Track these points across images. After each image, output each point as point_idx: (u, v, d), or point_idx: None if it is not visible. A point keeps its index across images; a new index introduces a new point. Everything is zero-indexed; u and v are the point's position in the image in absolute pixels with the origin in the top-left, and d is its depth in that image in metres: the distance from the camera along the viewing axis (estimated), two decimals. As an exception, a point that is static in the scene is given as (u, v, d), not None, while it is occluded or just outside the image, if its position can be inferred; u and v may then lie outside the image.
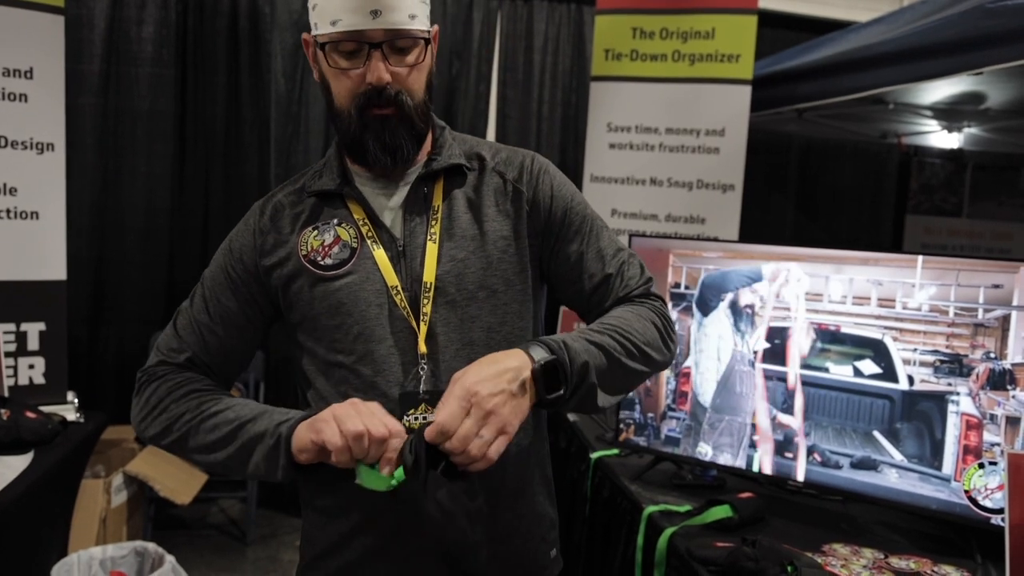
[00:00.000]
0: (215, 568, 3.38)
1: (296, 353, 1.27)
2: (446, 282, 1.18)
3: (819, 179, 4.86)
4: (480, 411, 0.97)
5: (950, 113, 3.92)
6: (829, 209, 4.86)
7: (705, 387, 2.08)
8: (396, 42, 1.13)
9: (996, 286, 1.73)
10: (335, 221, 1.21)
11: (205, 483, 3.38)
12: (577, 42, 4.20)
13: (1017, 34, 2.24)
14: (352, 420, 1.02)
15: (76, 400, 2.78)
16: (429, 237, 1.19)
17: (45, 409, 2.52)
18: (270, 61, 3.87)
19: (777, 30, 4.45)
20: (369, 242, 1.19)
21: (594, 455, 2.33)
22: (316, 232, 1.21)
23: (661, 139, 3.29)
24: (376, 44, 1.12)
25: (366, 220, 1.21)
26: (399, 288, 1.17)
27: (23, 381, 2.70)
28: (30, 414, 2.39)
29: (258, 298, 1.24)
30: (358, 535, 1.21)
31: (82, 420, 2.68)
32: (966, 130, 4.19)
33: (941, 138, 4.35)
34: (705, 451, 2.07)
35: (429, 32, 1.18)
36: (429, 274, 1.17)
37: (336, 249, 1.19)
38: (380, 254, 1.19)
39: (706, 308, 2.08)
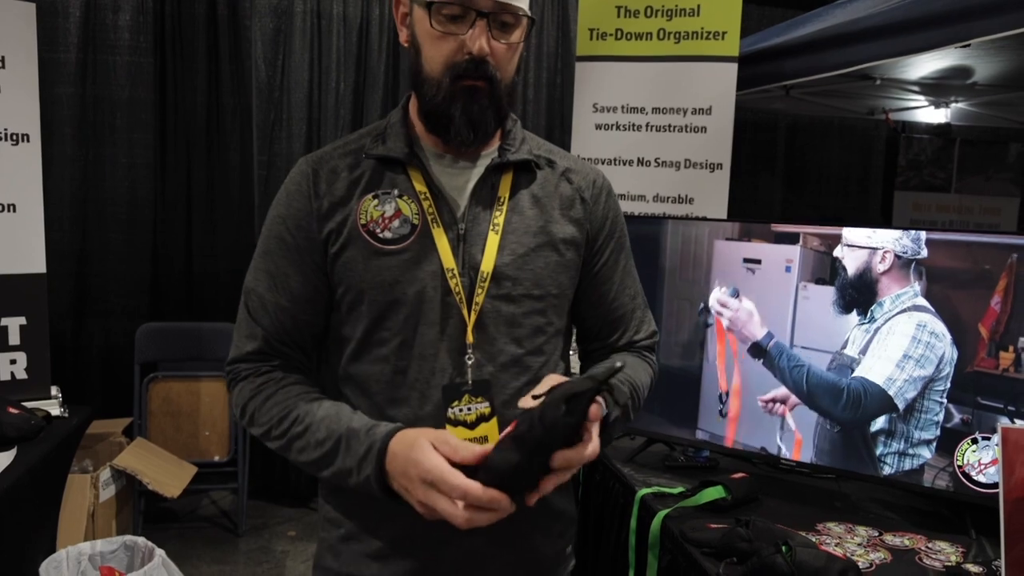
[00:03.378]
0: (207, 560, 3.35)
1: (330, 331, 1.21)
2: (503, 274, 1.15)
3: (807, 156, 4.85)
4: None
5: (937, 88, 3.90)
6: (817, 186, 4.85)
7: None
8: (503, 16, 1.10)
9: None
10: (396, 192, 1.16)
11: (195, 475, 3.36)
12: (561, 22, 4.15)
13: (1004, 5, 2.22)
14: (437, 502, 0.97)
15: (60, 395, 2.74)
16: (492, 227, 1.16)
17: (28, 404, 2.49)
18: (250, 47, 3.82)
19: (763, 7, 4.42)
20: (430, 220, 1.14)
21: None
22: (377, 201, 1.15)
23: (648, 119, 3.26)
24: (484, 13, 1.08)
25: (428, 196, 1.16)
26: (455, 272, 1.14)
27: (5, 376, 2.66)
28: (12, 410, 2.36)
29: (323, 266, 1.17)
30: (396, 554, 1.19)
31: (66, 415, 2.64)
32: (953, 105, 4.18)
33: (928, 113, 4.33)
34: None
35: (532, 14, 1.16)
36: (488, 263, 1.14)
37: (396, 223, 1.14)
38: (440, 234, 1.14)
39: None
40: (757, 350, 1.96)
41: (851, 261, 1.85)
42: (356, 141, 1.21)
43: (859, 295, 1.84)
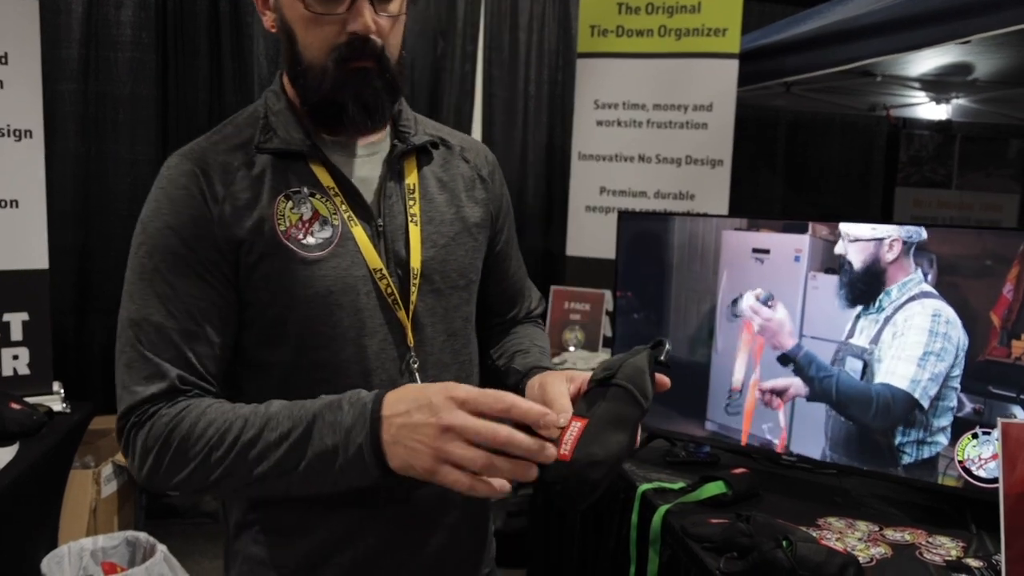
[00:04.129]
0: (209, 556, 3.36)
1: (241, 356, 1.04)
2: (431, 268, 1.08)
3: (808, 153, 4.85)
4: None
5: (938, 84, 3.91)
6: (818, 183, 4.86)
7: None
8: None
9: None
10: (306, 190, 1.03)
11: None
12: (563, 19, 4.15)
13: (1003, 2, 2.23)
14: (472, 424, 0.82)
15: (62, 390, 2.75)
16: (410, 218, 1.08)
17: (30, 400, 2.50)
18: (252, 44, 3.82)
19: (764, 3, 4.42)
20: (346, 218, 1.04)
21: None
22: (291, 203, 1.02)
23: (649, 115, 3.26)
24: None
25: (338, 191, 1.05)
26: (384, 272, 1.04)
27: (7, 372, 2.67)
28: (15, 405, 2.36)
29: (234, 280, 1.00)
30: (338, 553, 1.07)
31: (68, 410, 2.65)
32: (954, 101, 4.19)
33: (929, 110, 4.34)
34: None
35: None
36: (415, 258, 1.06)
37: (317, 226, 1.02)
38: (360, 233, 1.04)
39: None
40: (786, 359, 1.96)
41: (855, 253, 1.85)
42: (237, 134, 1.05)
43: (866, 286, 1.83)
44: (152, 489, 0.92)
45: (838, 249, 1.87)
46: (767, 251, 1.97)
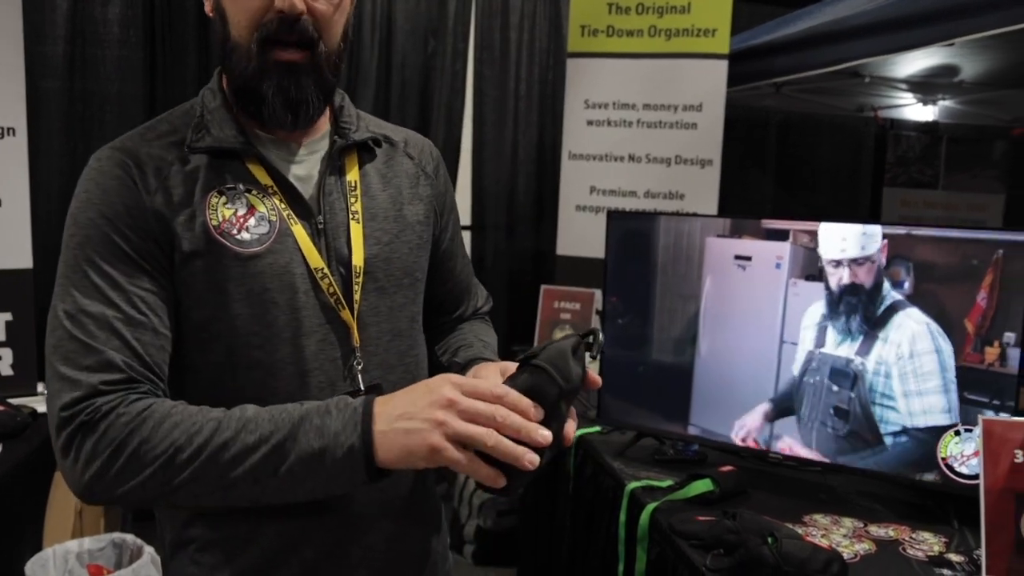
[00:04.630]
0: (197, 555, 3.34)
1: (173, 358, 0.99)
2: (375, 266, 1.05)
3: (798, 153, 4.87)
4: None
5: (925, 86, 3.94)
6: (808, 183, 4.88)
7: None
8: None
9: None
10: (242, 187, 0.99)
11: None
12: (553, 18, 4.15)
13: (987, 5, 2.25)
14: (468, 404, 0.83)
15: (47, 391, 2.72)
16: (351, 216, 1.04)
17: (14, 401, 2.48)
18: (240, 42, 3.80)
19: (753, 4, 4.43)
20: (285, 215, 1.00)
21: (576, 433, 2.32)
22: (225, 199, 0.98)
23: (639, 115, 3.27)
24: None
25: (275, 189, 1.01)
26: (325, 271, 1.01)
27: (-9, 372, 2.65)
28: (-1, 405, 2.35)
29: (169, 271, 0.96)
30: (276, 568, 1.02)
31: (55, 410, 2.63)
32: (941, 103, 4.22)
33: (916, 111, 4.37)
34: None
35: None
36: (358, 256, 1.03)
37: (253, 222, 0.98)
38: (299, 230, 1.00)
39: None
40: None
41: (834, 275, 1.87)
42: (171, 132, 1.01)
43: (849, 302, 1.85)
44: (85, 498, 0.87)
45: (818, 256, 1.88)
46: (749, 258, 1.99)
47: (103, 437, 0.86)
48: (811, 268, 1.90)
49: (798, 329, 1.93)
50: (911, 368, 1.78)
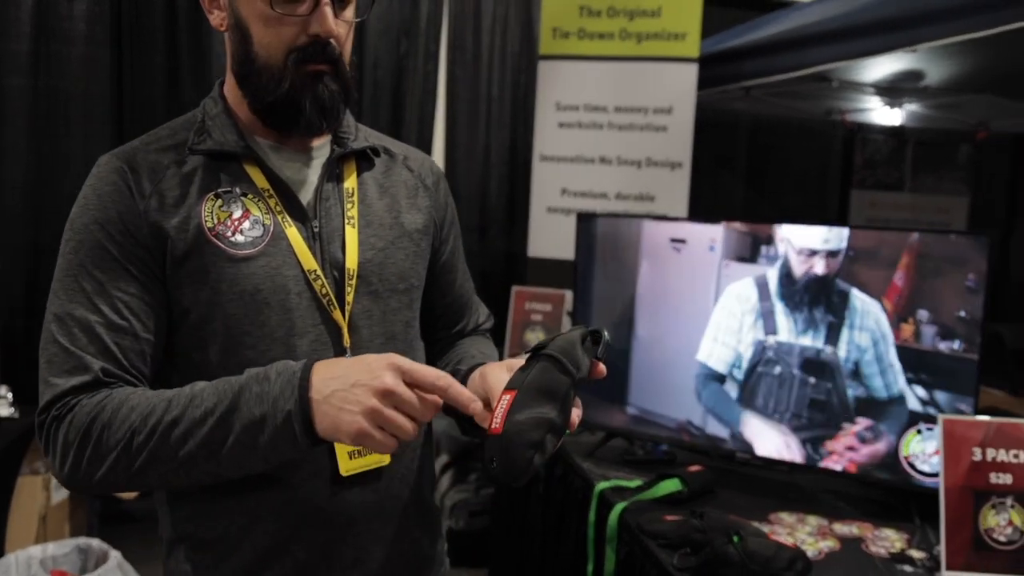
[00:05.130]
0: (165, 560, 3.31)
1: (172, 356, 1.03)
2: (368, 271, 1.08)
3: (767, 156, 4.92)
4: None
5: (891, 90, 3.99)
6: (777, 185, 4.93)
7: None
8: None
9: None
10: (238, 190, 1.03)
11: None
12: (525, 20, 4.16)
13: (949, 12, 2.29)
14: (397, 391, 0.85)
15: (10, 395, 2.69)
16: (347, 221, 1.08)
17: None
18: (211, 41, 3.77)
19: (723, 8, 4.47)
20: (280, 219, 1.04)
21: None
22: (220, 202, 1.01)
23: (609, 117, 3.29)
24: None
25: (272, 193, 1.05)
26: (319, 274, 1.04)
27: (-46, 375, 2.61)
28: (-38, 408, 2.31)
29: (161, 276, 1.00)
30: (268, 567, 1.04)
31: (16, 415, 2.60)
32: (907, 107, 4.28)
33: (883, 115, 4.43)
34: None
35: None
36: (352, 260, 1.06)
37: (247, 224, 1.01)
38: (294, 233, 1.04)
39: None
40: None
41: (801, 266, 1.91)
42: (171, 137, 1.06)
43: (811, 293, 1.89)
44: (75, 490, 0.95)
45: (779, 248, 1.92)
46: (684, 240, 2.06)
47: (70, 428, 0.91)
48: (742, 250, 1.96)
49: (729, 308, 2.00)
50: (884, 350, 1.83)
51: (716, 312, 2.00)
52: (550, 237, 3.33)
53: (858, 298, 1.83)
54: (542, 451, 0.87)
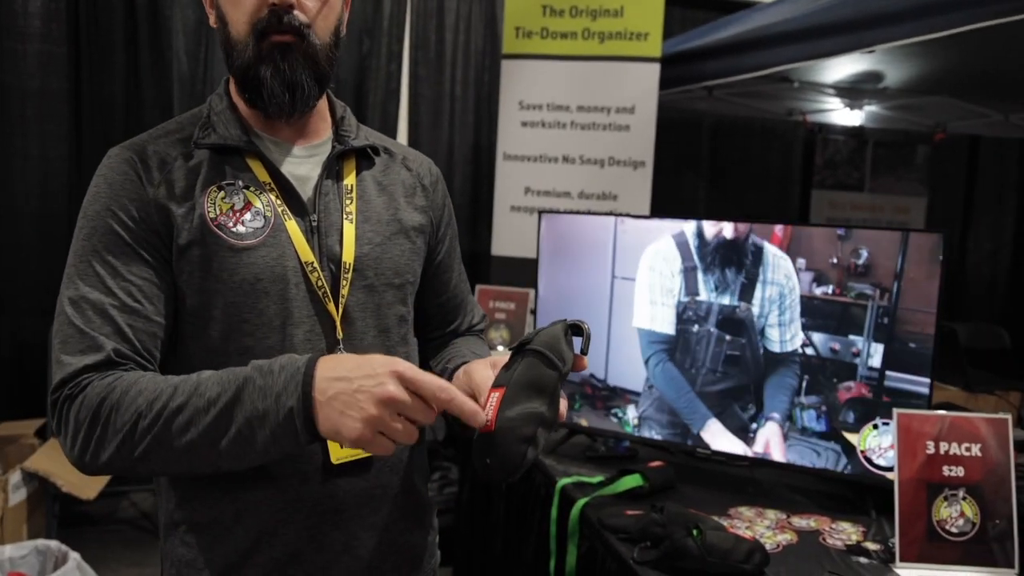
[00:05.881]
0: (125, 563, 3.27)
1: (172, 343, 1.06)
2: (365, 265, 1.11)
3: (730, 155, 4.98)
4: None
5: (851, 91, 4.06)
6: (740, 184, 4.99)
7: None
8: None
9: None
10: (240, 183, 1.06)
11: (113, 476, 3.26)
12: (489, 20, 4.17)
13: (905, 14, 2.33)
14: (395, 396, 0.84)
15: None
16: (346, 216, 1.11)
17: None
18: (171, 38, 3.72)
19: (685, 9, 4.52)
20: (280, 211, 1.07)
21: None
22: (223, 193, 1.05)
23: (572, 117, 3.30)
24: None
25: (273, 186, 1.08)
26: (315, 266, 1.07)
27: (-94, 376, 2.55)
28: (-87, 411, 2.26)
29: (170, 261, 1.03)
30: (260, 551, 1.07)
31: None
32: (866, 108, 4.36)
33: (843, 115, 4.50)
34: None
35: None
36: (348, 254, 1.09)
37: (248, 216, 1.05)
38: (293, 226, 1.07)
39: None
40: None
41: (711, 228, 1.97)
42: (178, 131, 1.09)
43: (724, 254, 1.95)
44: (84, 471, 0.95)
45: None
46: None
47: (81, 407, 0.93)
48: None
49: (634, 266, 2.05)
50: (790, 301, 1.87)
51: (641, 275, 2.02)
52: (514, 236, 3.34)
53: (771, 252, 1.88)
54: (535, 445, 0.89)
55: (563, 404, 0.95)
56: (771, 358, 1.89)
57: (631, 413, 2.08)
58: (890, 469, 1.76)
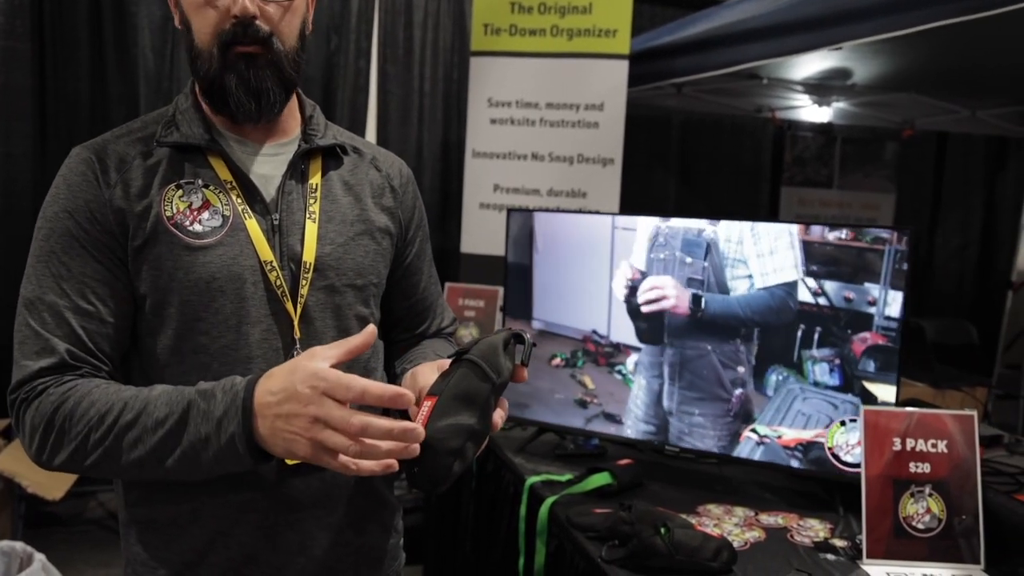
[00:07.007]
0: (92, 564, 3.22)
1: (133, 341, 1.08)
2: (326, 265, 1.10)
3: (699, 152, 4.99)
4: None
5: (820, 88, 4.09)
6: (709, 181, 5.01)
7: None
8: None
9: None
10: (200, 182, 1.06)
11: (80, 477, 3.20)
12: (458, 17, 4.14)
13: (872, 11, 2.34)
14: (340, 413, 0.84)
15: None
16: (308, 215, 1.10)
17: None
18: (136, 34, 3.66)
19: (654, 6, 4.53)
20: (240, 210, 1.07)
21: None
22: (181, 192, 1.05)
23: (541, 114, 3.29)
24: None
25: (235, 185, 1.08)
26: (275, 265, 1.06)
27: None
28: None
29: (126, 262, 1.04)
30: (215, 551, 1.07)
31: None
32: (835, 104, 4.39)
33: (812, 112, 4.53)
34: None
35: None
36: (309, 254, 1.09)
37: (206, 215, 1.05)
38: (253, 225, 1.07)
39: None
40: (693, 316, 1.95)
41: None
42: (141, 129, 1.10)
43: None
44: (45, 468, 0.99)
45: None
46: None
47: (36, 413, 0.97)
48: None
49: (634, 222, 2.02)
50: (763, 230, 1.85)
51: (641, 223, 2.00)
52: (483, 233, 3.32)
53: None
54: (462, 458, 0.89)
55: (500, 413, 0.95)
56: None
57: (631, 364, 2.06)
58: (857, 466, 1.77)
